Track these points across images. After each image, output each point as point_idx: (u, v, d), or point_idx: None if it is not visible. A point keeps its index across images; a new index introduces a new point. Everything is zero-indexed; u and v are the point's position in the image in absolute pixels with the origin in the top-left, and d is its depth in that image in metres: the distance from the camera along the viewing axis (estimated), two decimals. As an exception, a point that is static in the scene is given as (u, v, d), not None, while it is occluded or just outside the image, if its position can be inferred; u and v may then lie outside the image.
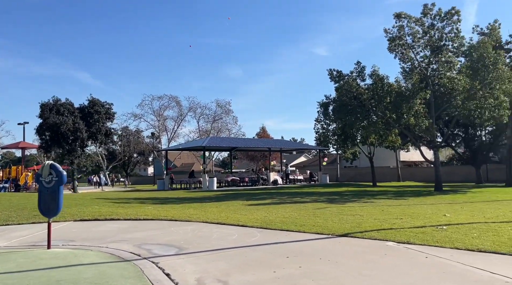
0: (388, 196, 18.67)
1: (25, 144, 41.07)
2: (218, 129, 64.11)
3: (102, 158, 63.99)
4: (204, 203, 16.24)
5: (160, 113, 65.98)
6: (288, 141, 40.02)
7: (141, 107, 62.40)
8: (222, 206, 14.73)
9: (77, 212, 13.08)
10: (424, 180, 42.65)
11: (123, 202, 16.69)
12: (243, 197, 19.81)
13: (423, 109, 20.22)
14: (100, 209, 13.73)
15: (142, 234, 9.31)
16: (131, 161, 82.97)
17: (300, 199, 17.98)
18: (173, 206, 14.92)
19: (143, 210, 13.66)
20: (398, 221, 9.73)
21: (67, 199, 17.11)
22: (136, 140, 69.88)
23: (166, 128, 67.65)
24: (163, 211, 13.24)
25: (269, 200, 17.29)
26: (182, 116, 66.26)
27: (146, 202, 17.10)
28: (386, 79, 21.49)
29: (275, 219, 10.79)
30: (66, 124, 26.87)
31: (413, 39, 21.96)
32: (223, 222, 10.53)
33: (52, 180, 8.04)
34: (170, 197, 20.16)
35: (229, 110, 65.60)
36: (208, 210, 13.35)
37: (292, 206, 14.44)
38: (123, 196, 20.81)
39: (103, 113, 29.75)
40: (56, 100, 28.20)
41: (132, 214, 12.62)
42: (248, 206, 14.81)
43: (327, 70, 22.40)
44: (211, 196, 20.76)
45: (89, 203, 15.97)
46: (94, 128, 29.20)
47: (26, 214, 12.73)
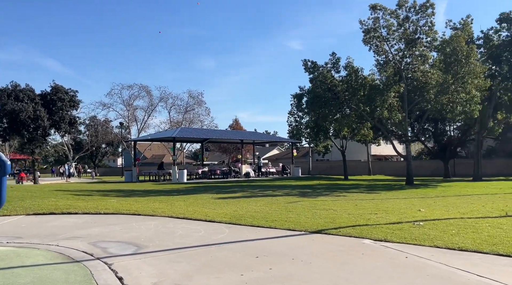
0: (360, 190, 18.47)
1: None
2: (190, 120, 62.94)
3: (68, 148, 61.51)
4: (171, 196, 15.47)
5: (129, 103, 64.07)
6: (261, 134, 39.54)
7: (110, 96, 60.33)
8: (190, 200, 14.02)
9: (31, 205, 12.06)
10: (394, 174, 43.26)
11: (85, 195, 15.68)
12: (213, 190, 19.14)
13: (396, 103, 20.11)
14: (58, 202, 12.74)
15: (100, 229, 8.52)
16: (99, 152, 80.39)
17: (272, 192, 17.50)
18: (138, 199, 14.09)
19: (105, 203, 12.77)
20: (373, 216, 9.35)
21: (23, 191, 15.95)
22: (104, 130, 67.60)
23: (136, 119, 65.82)
24: (127, 205, 12.41)
25: (240, 194, 16.71)
26: (152, 106, 64.63)
27: (109, 194, 16.15)
28: (361, 71, 21.24)
29: (245, 213, 10.20)
30: (25, 111, 25.24)
31: (388, 31, 21.77)
32: (190, 217, 9.85)
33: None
34: (137, 190, 19.23)
35: (201, 101, 64.41)
36: (174, 204, 12.62)
37: (263, 199, 13.91)
38: (87, 188, 19.70)
39: (67, 100, 28.21)
40: (15, 85, 26.44)
41: (92, 207, 11.74)
42: (217, 199, 14.17)
43: (302, 60, 21.96)
44: (180, 189, 19.96)
45: (47, 195, 14.88)
46: (57, 116, 27.64)
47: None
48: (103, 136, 66.51)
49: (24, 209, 11.38)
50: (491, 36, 25.06)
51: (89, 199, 14.06)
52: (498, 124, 26.52)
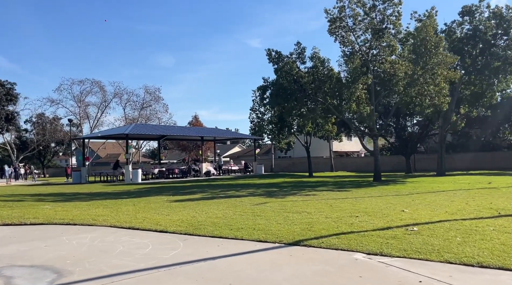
0: (329, 188, 17.32)
1: None
2: (147, 117, 60.06)
3: (11, 147, 56.61)
4: (119, 200, 13.50)
5: (81, 99, 60.03)
6: (222, 130, 37.86)
7: (58, 91, 56.06)
8: (141, 204, 12.16)
9: None
10: (356, 170, 43.05)
11: (15, 200, 13.36)
12: (169, 191, 17.28)
13: (364, 95, 19.17)
14: (-25, 211, 10.47)
15: (17, 247, 6.62)
16: (48, 151, 75.22)
17: (236, 192, 15.92)
18: (78, 205, 12.04)
19: (35, 210, 10.65)
20: (354, 220, 8.03)
21: None
22: (53, 128, 63.06)
23: (88, 116, 61.85)
24: (62, 212, 10.39)
25: (199, 195, 15.00)
26: (106, 102, 61.04)
27: (46, 199, 13.89)
28: (327, 62, 20.15)
29: (205, 220, 8.58)
30: (-49, 105, 22.03)
31: (354, 21, 20.80)
32: (137, 227, 8.10)
33: None
34: (81, 192, 16.99)
35: (159, 97, 61.61)
36: (121, 210, 10.74)
37: (226, 201, 12.31)
38: (22, 192, 17.18)
39: (3, 94, 25.14)
40: None
41: (17, 216, 9.64)
42: (173, 203, 12.41)
43: (266, 50, 20.54)
44: (132, 191, 17.93)
45: (-35, 202, 12.45)
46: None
47: None
48: (51, 134, 62.02)
49: None
50: (454, 29, 24.84)
51: (18, 205, 11.84)
52: (460, 118, 26.44)
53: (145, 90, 60.02)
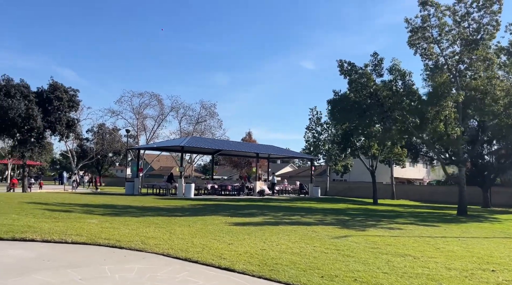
0: (409, 220, 14.75)
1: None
2: (201, 132, 60.02)
3: (72, 155, 58.57)
4: (173, 218, 11.96)
5: (139, 111, 61.33)
6: (277, 148, 36.08)
7: (119, 103, 57.67)
8: (197, 225, 10.51)
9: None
10: (419, 199, 39.23)
11: (62, 210, 12.26)
12: (226, 210, 15.60)
13: (453, 114, 16.49)
14: (16, 221, 9.33)
15: (45, 278, 5.09)
16: (106, 161, 77.53)
17: (301, 218, 13.86)
18: (128, 221, 10.61)
19: (80, 225, 9.32)
20: (494, 276, 5.73)
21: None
22: (112, 138, 64.86)
23: (145, 128, 62.98)
24: (109, 229, 8.95)
25: (260, 218, 13.12)
26: (163, 115, 61.89)
27: (94, 211, 12.69)
28: (409, 75, 17.75)
29: (280, 256, 6.67)
30: (16, 108, 22.19)
31: (440, 31, 18.34)
32: (196, 259, 6.36)
33: None
34: (133, 206, 15.76)
35: (214, 113, 61.54)
36: (175, 231, 9.12)
37: (295, 230, 10.33)
38: (73, 201, 16.28)
39: (66, 100, 25.17)
40: (7, 79, 23.49)
41: (59, 231, 8.31)
42: (233, 226, 10.64)
43: (337, 61, 18.54)
44: (186, 207, 16.45)
45: (12, 209, 11.50)
46: (53, 116, 24.56)
47: None
48: (109, 144, 63.75)
49: (-38, 231, 8.00)
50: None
51: (64, 217, 10.63)
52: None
53: (201, 105, 60.16)
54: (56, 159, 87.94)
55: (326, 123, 47.57)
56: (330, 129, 47.38)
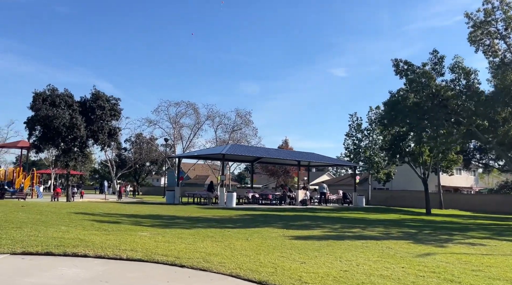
0: (483, 233, 13.20)
1: (25, 143, 36.91)
2: (237, 140, 59.75)
3: (112, 164, 59.56)
4: (226, 230, 11.10)
5: (176, 120, 61.88)
6: (319, 155, 34.76)
7: (156, 112, 58.38)
8: (255, 238, 9.57)
9: (27, 236, 8.13)
10: (470, 209, 36.63)
11: (111, 221, 11.67)
12: (276, 221, 14.61)
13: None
14: (66, 233, 8.73)
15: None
16: (143, 170, 78.64)
17: (362, 231, 12.64)
18: (180, 233, 9.82)
19: (132, 238, 8.60)
20: None
21: (35, 212, 12.23)
22: (149, 148, 65.67)
23: (182, 137, 63.41)
24: (164, 243, 8.17)
25: (319, 231, 12.02)
26: (199, 124, 62.10)
27: (143, 222, 12.03)
28: (474, 74, 16.20)
29: (371, 281, 5.60)
30: (60, 118, 22.27)
31: (506, 26, 16.74)
32: (272, 283, 5.40)
33: None
34: (179, 216, 15.07)
35: (249, 121, 61.19)
36: (235, 246, 8.22)
37: (366, 245, 9.18)
38: (119, 211, 15.79)
39: (108, 109, 25.16)
40: (52, 89, 23.71)
41: (112, 246, 7.60)
42: (293, 240, 9.63)
43: (392, 60, 17.24)
44: (233, 218, 15.60)
45: (60, 220, 11.01)
46: (95, 125, 24.57)
47: None
48: (147, 153, 64.49)
49: (13, 244, 7.43)
50: None
51: (114, 229, 9.98)
52: None
53: (236, 113, 59.93)
54: (95, 169, 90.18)
55: (367, 130, 45.96)
56: (371, 136, 45.72)
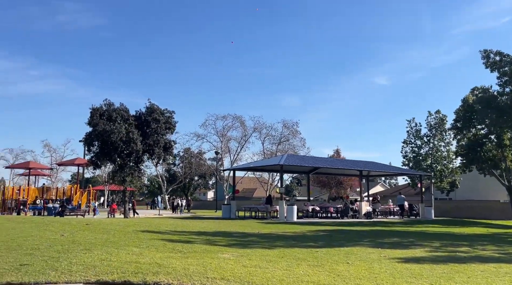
0: None
1: (81, 160, 37.56)
2: (285, 152, 58.33)
3: (162, 179, 59.98)
4: (312, 250, 9.58)
5: (223, 134, 61.60)
6: (382, 164, 32.47)
7: (204, 127, 58.31)
8: (354, 260, 8.00)
9: (99, 261, 7.05)
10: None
11: (181, 241, 10.51)
12: (359, 238, 12.90)
13: None
14: (140, 257, 7.59)
15: None
16: (192, 185, 78.95)
17: (472, 249, 10.59)
18: (266, 255, 8.42)
19: (216, 262, 7.30)
20: None
21: (100, 231, 11.35)
22: (198, 162, 65.70)
23: (230, 150, 62.94)
24: (254, 268, 6.80)
25: (420, 250, 10.18)
26: (246, 136, 61.40)
27: (216, 241, 10.76)
28: None
29: None
30: (118, 132, 21.89)
31: None
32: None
33: None
34: (249, 233, 13.72)
35: (296, 131, 59.69)
36: (340, 271, 6.70)
37: (501, 270, 7.32)
38: (183, 228, 14.70)
39: (163, 122, 24.62)
40: (108, 104, 23.52)
41: (197, 272, 6.33)
42: (403, 263, 7.94)
43: (481, 51, 15.12)
44: (308, 234, 14.03)
45: (128, 239, 9.98)
46: (151, 139, 24.05)
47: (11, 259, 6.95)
48: (196, 168, 64.47)
49: (85, 270, 6.35)
50: None
51: (189, 249, 8.77)
52: None
53: (283, 124, 58.67)
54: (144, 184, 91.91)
55: (426, 136, 43.11)
56: (431, 142, 42.80)
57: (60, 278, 5.99)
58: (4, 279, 5.89)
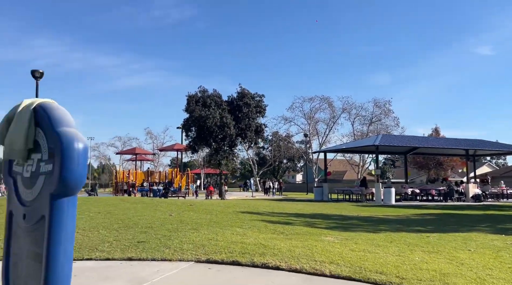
0: None
1: (180, 146, 40.11)
2: (377, 132, 55.75)
3: (253, 162, 61.57)
4: (422, 235, 8.84)
5: (311, 116, 60.84)
6: (493, 142, 29.15)
7: (291, 110, 58.16)
8: (476, 247, 7.14)
9: (207, 240, 7.27)
10: None
11: (281, 222, 10.50)
12: (474, 222, 11.67)
13: None
14: (245, 237, 7.67)
15: None
16: (281, 167, 79.86)
17: None
18: (372, 239, 7.96)
19: (321, 245, 7.07)
20: None
21: (202, 211, 11.87)
22: (286, 145, 66.02)
23: (318, 132, 62.09)
24: (364, 253, 6.42)
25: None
26: (334, 118, 59.85)
27: (316, 223, 10.55)
28: None
29: None
30: (212, 117, 22.72)
31: None
32: None
33: (39, 168, 2.02)
34: (348, 216, 13.27)
35: (389, 111, 56.54)
36: (461, 259, 6.00)
37: None
38: (280, 210, 14.78)
39: (253, 106, 24.97)
40: (203, 90, 24.50)
41: (304, 255, 6.16)
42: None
43: None
44: (413, 218, 13.11)
45: (230, 220, 10.25)
46: (243, 123, 24.58)
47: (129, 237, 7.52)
48: (285, 151, 64.89)
49: (195, 250, 6.57)
50: None
51: (290, 231, 8.68)
52: None
53: (374, 104, 55.92)
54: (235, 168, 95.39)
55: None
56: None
57: (174, 256, 6.26)
58: (125, 254, 6.34)
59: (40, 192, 1.88)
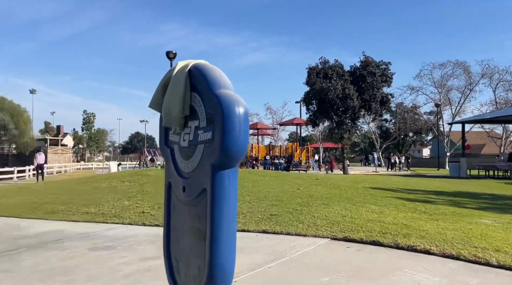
0: None
1: (299, 120, 40.22)
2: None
3: (376, 136, 58.60)
4: None
5: (442, 84, 54.94)
6: None
7: (418, 78, 53.33)
8: None
9: (341, 217, 6.88)
10: None
11: (420, 200, 9.52)
12: None
13: None
14: (382, 216, 7.06)
15: None
16: (406, 141, 74.47)
17: None
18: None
19: (477, 228, 6.09)
20: None
21: (330, 185, 11.47)
22: (412, 117, 61.16)
23: (450, 102, 55.88)
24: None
25: None
26: (471, 85, 53.02)
27: (463, 203, 9.30)
28: None
29: None
30: (334, 89, 21.90)
31: None
32: None
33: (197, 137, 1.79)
34: (500, 195, 11.48)
35: (541, 73, 47.89)
36: None
37: None
38: (414, 186, 13.55)
39: (378, 75, 23.30)
40: (324, 61, 23.71)
41: (458, 238, 5.35)
42: None
43: None
44: None
45: (361, 196, 9.67)
46: (367, 94, 23.17)
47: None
48: (411, 123, 60.25)
49: (329, 227, 6.25)
50: None
51: (434, 211, 7.76)
52: None
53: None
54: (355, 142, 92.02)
55: None
56: None
57: (308, 231, 6.04)
58: (260, 227, 6.35)
59: (199, 163, 1.70)
